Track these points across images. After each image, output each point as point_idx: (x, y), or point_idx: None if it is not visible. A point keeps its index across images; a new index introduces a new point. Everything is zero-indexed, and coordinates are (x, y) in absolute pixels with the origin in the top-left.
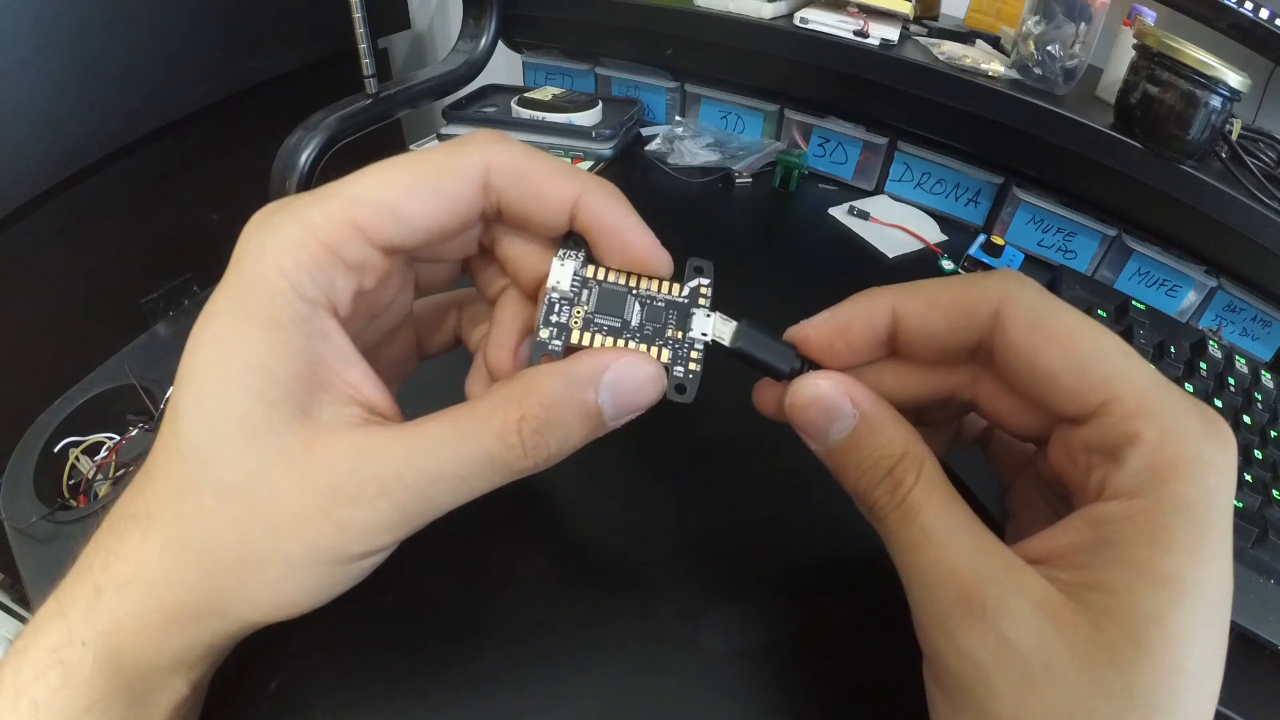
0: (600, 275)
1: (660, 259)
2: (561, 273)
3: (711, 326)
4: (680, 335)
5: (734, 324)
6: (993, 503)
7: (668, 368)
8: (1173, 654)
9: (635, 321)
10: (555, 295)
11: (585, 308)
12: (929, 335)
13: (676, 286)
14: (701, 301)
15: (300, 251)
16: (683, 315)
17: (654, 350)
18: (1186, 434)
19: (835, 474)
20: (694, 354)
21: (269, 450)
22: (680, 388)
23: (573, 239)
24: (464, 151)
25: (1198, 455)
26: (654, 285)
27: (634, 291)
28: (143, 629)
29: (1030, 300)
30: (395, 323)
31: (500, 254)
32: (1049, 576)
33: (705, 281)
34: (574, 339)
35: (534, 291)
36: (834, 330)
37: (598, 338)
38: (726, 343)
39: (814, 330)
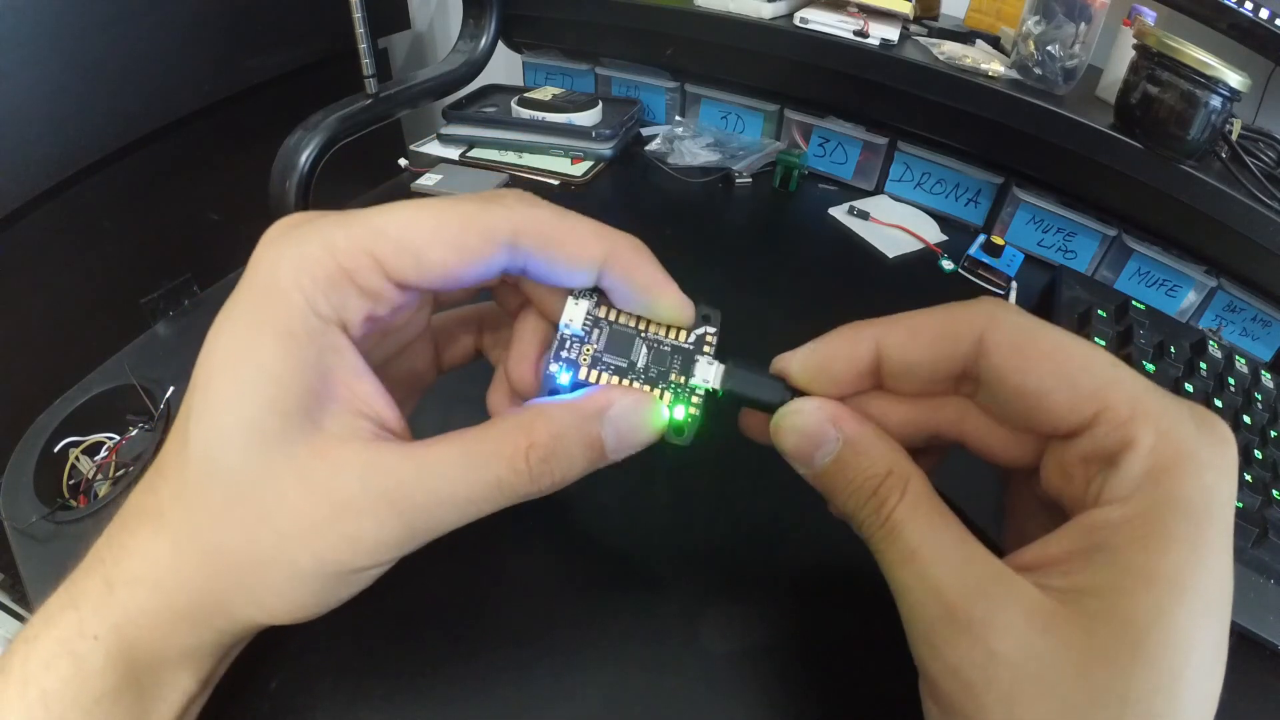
0: (612, 316)
1: (686, 313)
2: (575, 312)
3: (713, 375)
4: (683, 380)
5: (720, 366)
6: (985, 515)
7: (669, 410)
8: (1171, 657)
9: (641, 363)
10: (567, 333)
11: (595, 346)
12: (913, 365)
13: (684, 333)
14: (706, 349)
15: (318, 268)
16: (687, 361)
17: (656, 392)
18: (1183, 434)
19: (825, 497)
20: (694, 399)
21: (279, 457)
22: (679, 430)
23: (590, 288)
24: (493, 211)
25: (1194, 454)
26: (662, 330)
27: (643, 334)
28: (152, 625)
29: (1013, 323)
30: (411, 337)
31: (525, 290)
32: (1040, 584)
33: (712, 330)
34: (581, 375)
35: (557, 317)
36: (816, 365)
37: (604, 375)
38: (717, 385)
39: (797, 366)
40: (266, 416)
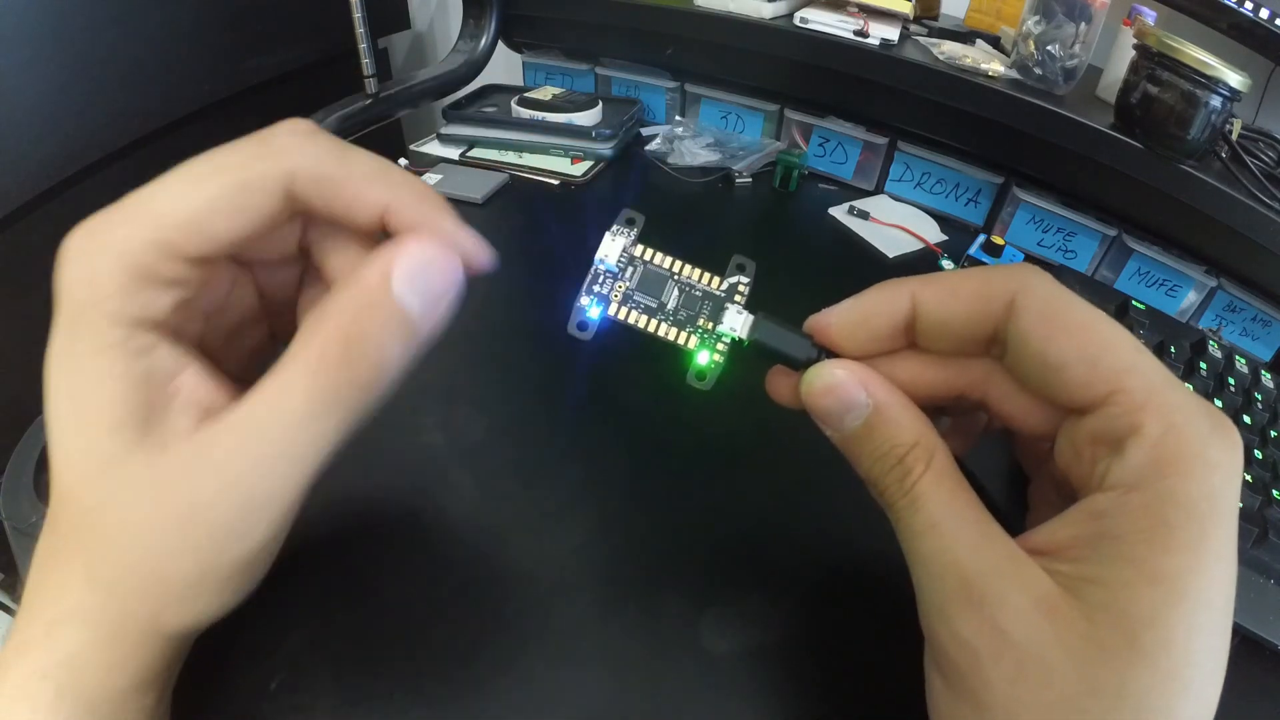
0: (647, 256)
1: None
2: (611, 247)
3: (741, 324)
4: (710, 326)
5: (750, 316)
6: (1003, 496)
7: (693, 354)
8: (1168, 657)
9: (671, 305)
10: (602, 268)
11: (627, 284)
12: (946, 323)
13: (717, 279)
14: (738, 298)
15: (111, 280)
16: (717, 308)
17: (683, 335)
18: (1191, 432)
19: (849, 459)
20: (720, 346)
21: (127, 479)
22: (701, 375)
23: (626, 218)
24: (266, 158)
25: (1202, 454)
26: (695, 274)
27: (676, 276)
28: (96, 657)
29: (1046, 291)
30: (243, 317)
31: (317, 260)
32: (1049, 569)
33: (745, 280)
34: (611, 311)
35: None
36: (856, 318)
37: (634, 313)
38: (744, 335)
39: (836, 318)
40: (103, 441)
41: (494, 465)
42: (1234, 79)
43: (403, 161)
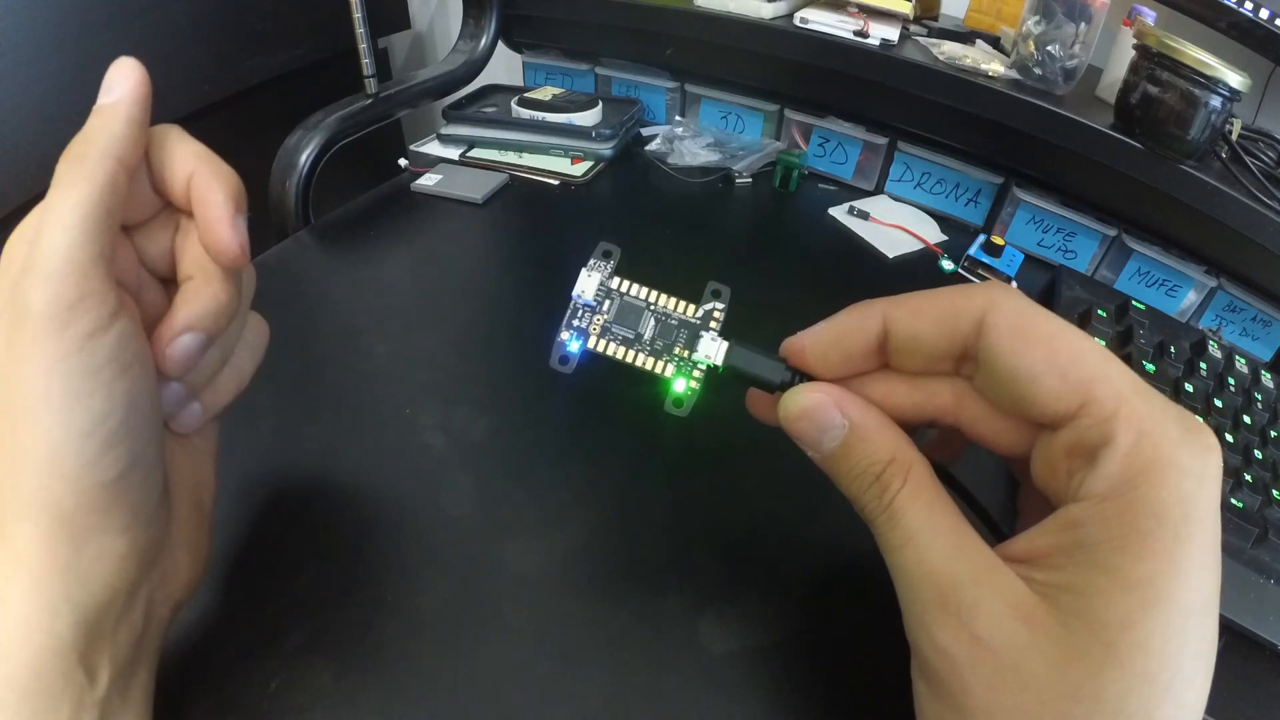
0: (623, 288)
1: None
2: (588, 283)
3: (715, 350)
4: (686, 354)
5: (724, 343)
6: (997, 500)
7: (669, 382)
8: (1144, 660)
9: (648, 335)
10: (580, 302)
11: (605, 317)
12: (917, 341)
13: (692, 307)
14: (713, 325)
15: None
16: (692, 336)
17: (659, 364)
18: (1162, 439)
19: (830, 478)
20: (696, 373)
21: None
22: (678, 402)
23: (603, 251)
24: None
25: (1173, 460)
26: (671, 303)
27: (651, 307)
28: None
29: (1014, 306)
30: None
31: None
32: (1026, 577)
33: (720, 306)
34: (590, 344)
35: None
36: (830, 340)
37: (612, 345)
38: (719, 362)
39: (809, 341)
40: None
41: (494, 465)
42: (1234, 79)
43: (403, 162)
